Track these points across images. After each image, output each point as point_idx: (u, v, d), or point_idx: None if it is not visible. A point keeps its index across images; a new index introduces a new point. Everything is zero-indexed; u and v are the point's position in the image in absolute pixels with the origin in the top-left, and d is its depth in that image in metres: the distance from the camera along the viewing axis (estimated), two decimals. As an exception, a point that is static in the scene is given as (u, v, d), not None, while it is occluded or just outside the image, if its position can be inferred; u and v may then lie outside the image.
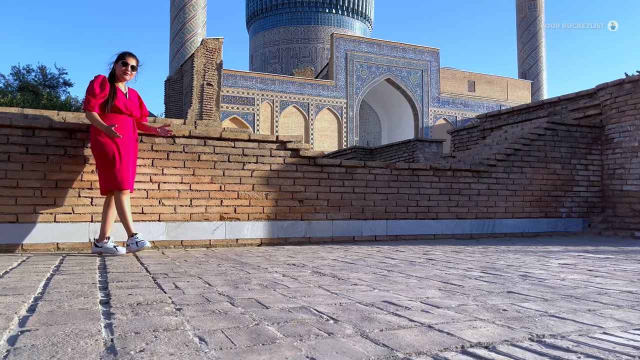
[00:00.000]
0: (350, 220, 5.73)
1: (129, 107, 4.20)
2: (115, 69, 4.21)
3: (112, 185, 4.03)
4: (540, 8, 45.50)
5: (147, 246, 4.06)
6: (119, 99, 4.13)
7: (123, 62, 4.18)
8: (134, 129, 4.31)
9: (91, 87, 4.05)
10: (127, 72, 4.19)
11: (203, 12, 34.22)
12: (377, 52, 34.03)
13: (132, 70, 4.21)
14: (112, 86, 4.13)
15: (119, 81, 4.22)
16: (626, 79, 6.81)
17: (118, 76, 4.19)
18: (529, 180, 6.75)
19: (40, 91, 26.11)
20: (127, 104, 4.19)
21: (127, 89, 4.32)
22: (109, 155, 4.01)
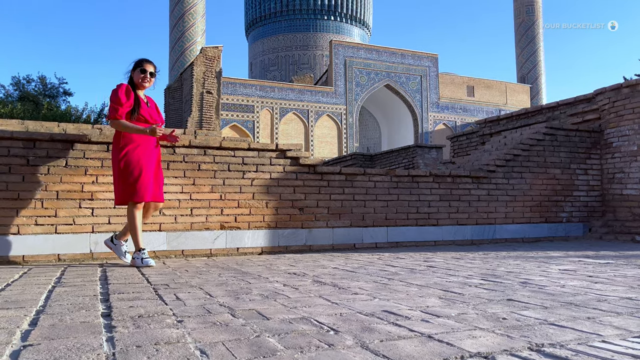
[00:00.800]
0: (351, 228, 5.74)
1: (153, 116, 4.15)
2: (134, 77, 4.13)
3: (128, 197, 3.96)
4: (538, 12, 45.68)
5: (151, 265, 3.93)
6: (143, 107, 4.08)
7: (141, 69, 4.12)
8: (157, 141, 4.23)
9: (115, 95, 3.97)
10: (145, 79, 4.12)
11: (202, 21, 34.37)
12: (375, 58, 34.15)
13: (150, 77, 4.15)
14: (135, 94, 4.07)
15: (138, 89, 4.14)
16: (624, 84, 6.83)
17: (137, 84, 4.12)
18: (529, 185, 6.76)
19: (41, 101, 26.19)
20: (151, 112, 4.14)
21: (146, 97, 4.26)
22: (130, 167, 3.94)
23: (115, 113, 3.95)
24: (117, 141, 4.04)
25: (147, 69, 4.12)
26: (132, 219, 4.00)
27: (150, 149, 4.09)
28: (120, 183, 3.99)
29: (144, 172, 3.97)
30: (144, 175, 3.97)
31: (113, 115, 3.97)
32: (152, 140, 4.11)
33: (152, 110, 4.18)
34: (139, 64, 4.14)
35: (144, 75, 4.11)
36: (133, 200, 3.97)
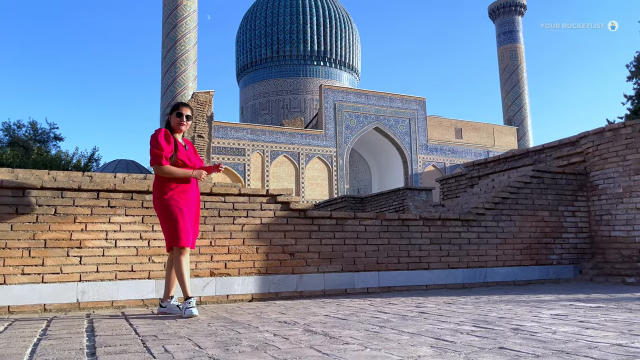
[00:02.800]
0: (342, 273, 5.71)
1: (192, 160, 4.13)
2: (171, 121, 4.13)
3: (172, 241, 3.91)
4: (521, 57, 47.09)
5: (194, 315, 3.74)
6: (181, 151, 4.06)
7: (178, 112, 4.12)
8: (197, 184, 4.21)
9: (156, 141, 3.96)
10: (182, 122, 4.11)
11: (194, 67, 34.97)
12: (364, 102, 34.76)
13: (187, 120, 4.14)
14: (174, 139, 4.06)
15: (175, 132, 4.13)
16: (606, 127, 7.01)
17: (174, 128, 4.12)
18: (518, 228, 6.80)
19: (31, 146, 26.21)
20: (189, 155, 4.12)
21: (183, 140, 4.25)
22: (173, 213, 3.90)
23: (159, 159, 3.93)
24: (159, 187, 4.00)
25: (184, 112, 4.12)
26: (178, 266, 3.91)
27: (192, 192, 4.06)
28: (166, 229, 3.95)
29: (187, 217, 3.93)
30: (186, 220, 3.92)
31: (157, 161, 3.94)
32: (193, 184, 4.08)
33: (190, 153, 4.16)
34: (176, 107, 4.16)
35: (180, 119, 4.10)
36: (177, 246, 3.90)
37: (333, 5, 44.29)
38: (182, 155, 4.04)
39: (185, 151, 4.12)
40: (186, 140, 4.29)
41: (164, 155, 3.93)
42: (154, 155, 3.97)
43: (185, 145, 4.20)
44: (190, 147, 4.27)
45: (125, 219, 4.76)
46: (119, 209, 4.75)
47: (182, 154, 4.05)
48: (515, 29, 47.75)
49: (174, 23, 34.50)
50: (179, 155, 4.01)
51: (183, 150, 4.09)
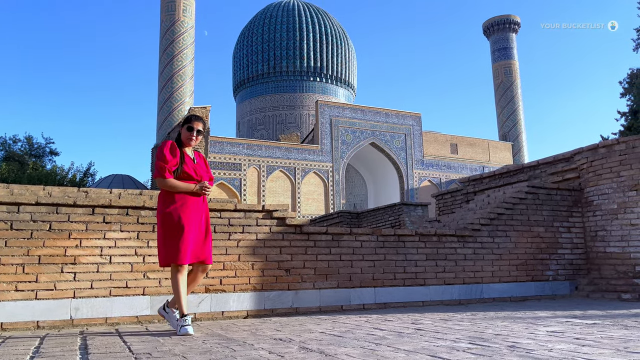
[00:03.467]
0: (338, 289, 5.68)
1: (199, 173, 4.03)
2: (182, 133, 4.06)
3: (169, 258, 3.82)
4: (516, 74, 47.52)
5: (189, 334, 3.67)
6: (188, 164, 3.97)
7: (189, 126, 4.04)
8: (203, 197, 4.07)
9: (161, 153, 3.90)
10: (192, 136, 4.03)
11: (191, 82, 35.12)
12: (360, 117, 34.93)
13: (197, 134, 4.06)
14: (180, 152, 3.98)
15: (185, 146, 4.06)
16: (600, 144, 7.06)
17: (184, 141, 4.05)
18: (514, 243, 6.81)
19: (26, 161, 26.16)
20: (197, 169, 4.02)
21: (194, 152, 4.16)
22: (173, 227, 3.81)
23: (162, 171, 3.86)
24: (161, 200, 3.94)
25: (195, 126, 4.04)
26: (175, 283, 3.84)
27: (197, 206, 3.95)
28: (163, 244, 3.86)
29: (187, 233, 3.82)
30: (186, 236, 3.81)
31: (160, 174, 3.88)
32: (198, 199, 3.98)
33: (199, 166, 4.06)
34: (188, 120, 4.07)
35: (191, 133, 4.02)
36: (175, 263, 3.82)
37: (329, 22, 44.72)
38: (188, 168, 3.95)
39: (194, 165, 4.03)
40: (198, 154, 4.20)
41: (167, 168, 3.86)
42: (157, 168, 3.91)
43: (195, 158, 4.11)
44: (201, 161, 4.17)
45: (120, 235, 4.75)
46: (114, 224, 4.73)
47: (189, 168, 3.97)
48: (509, 46, 48.26)
49: (171, 39, 34.73)
50: (184, 169, 3.93)
51: (190, 164, 4.00)
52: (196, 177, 3.99)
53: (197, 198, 3.98)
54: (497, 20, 48.72)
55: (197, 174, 4.00)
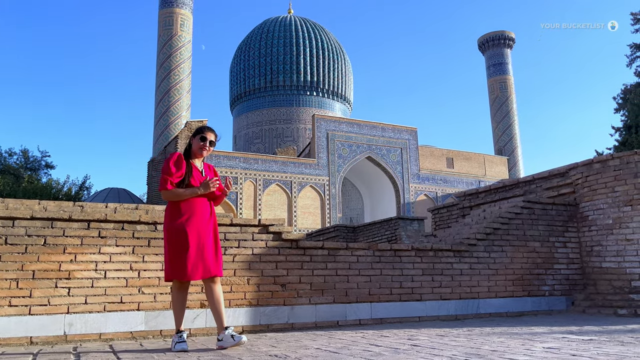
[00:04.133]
0: (334, 304, 5.66)
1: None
2: (192, 144, 3.97)
3: (175, 274, 3.74)
4: (511, 89, 47.91)
5: (185, 350, 3.64)
6: (195, 177, 3.87)
7: (202, 136, 3.94)
8: (211, 209, 3.94)
9: (166, 165, 3.83)
10: (204, 147, 3.94)
11: (187, 96, 35.24)
12: (357, 131, 35.05)
13: (210, 145, 3.97)
14: (187, 163, 3.90)
15: (194, 157, 3.98)
16: (595, 159, 7.10)
17: (194, 152, 3.96)
18: (510, 258, 6.81)
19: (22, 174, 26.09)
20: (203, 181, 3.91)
21: (203, 164, 4.06)
22: (181, 243, 3.71)
23: (165, 183, 3.79)
24: (168, 213, 3.85)
25: (208, 137, 3.95)
26: (174, 298, 3.81)
27: (204, 219, 3.84)
28: (169, 259, 3.78)
29: (194, 248, 3.72)
30: (192, 252, 3.70)
31: (162, 186, 3.80)
32: (206, 210, 3.88)
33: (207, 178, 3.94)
34: (200, 131, 3.97)
35: (204, 143, 3.93)
36: (180, 279, 3.76)
37: (326, 37, 45.08)
38: (194, 180, 3.85)
39: (201, 177, 3.93)
40: (208, 166, 4.10)
41: (170, 180, 3.79)
42: (161, 180, 3.84)
43: (204, 171, 4.02)
44: (211, 173, 4.07)
45: (115, 250, 4.73)
46: (109, 239, 4.72)
47: (195, 180, 3.86)
48: (504, 61, 48.73)
49: (168, 53, 34.91)
50: (191, 181, 3.84)
51: (197, 176, 3.90)
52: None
53: (204, 210, 3.86)
54: (492, 36, 49.24)
55: None
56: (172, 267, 3.76)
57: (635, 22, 22.67)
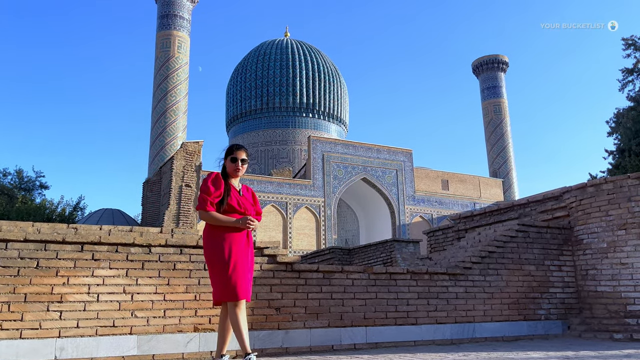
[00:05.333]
0: (329, 328, 5.61)
1: (244, 205, 3.88)
2: (226, 166, 3.93)
3: (225, 295, 3.64)
4: (505, 112, 48.38)
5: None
6: (232, 196, 3.84)
7: (232, 157, 3.91)
8: (248, 234, 3.89)
9: (205, 185, 3.78)
10: (238, 167, 3.92)
11: (184, 117, 35.38)
12: (352, 153, 35.19)
13: (242, 164, 3.94)
14: (225, 183, 3.86)
15: (231, 178, 3.94)
16: (588, 183, 7.15)
17: (230, 173, 3.93)
18: (505, 282, 6.79)
19: (15, 194, 25.97)
20: (241, 201, 3.88)
21: (241, 185, 4.03)
22: (222, 262, 3.65)
23: (203, 204, 3.72)
24: (207, 236, 3.78)
25: (239, 156, 3.91)
26: (235, 320, 3.66)
27: (243, 242, 3.79)
28: (218, 281, 3.69)
29: (240, 268, 3.66)
30: (240, 271, 3.65)
31: (201, 206, 3.73)
32: (244, 232, 3.82)
33: (244, 199, 3.92)
34: (230, 151, 3.94)
35: (235, 164, 3.91)
36: (233, 300, 3.64)
37: (322, 59, 45.57)
38: (232, 201, 3.80)
39: (239, 197, 3.88)
40: (246, 187, 4.08)
41: (210, 200, 3.72)
42: (200, 200, 3.78)
43: (240, 190, 3.97)
44: (249, 194, 4.03)
45: (109, 272, 4.69)
46: (103, 262, 4.69)
47: (233, 200, 3.82)
48: (498, 85, 49.28)
49: (165, 74, 35.16)
50: (229, 201, 3.78)
51: (235, 196, 3.85)
52: (240, 210, 3.84)
53: (241, 233, 3.79)
54: (485, 60, 49.90)
55: (241, 207, 3.85)
56: (223, 290, 3.64)
57: (627, 47, 23.05)
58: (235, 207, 3.82)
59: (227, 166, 3.94)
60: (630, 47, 23.00)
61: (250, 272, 3.78)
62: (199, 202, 3.80)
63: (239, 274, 3.65)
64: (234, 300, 3.65)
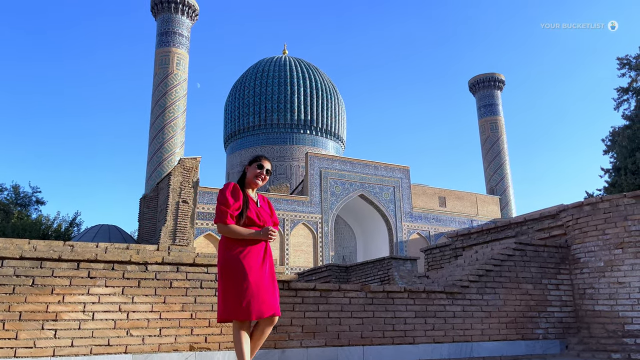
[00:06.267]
0: (326, 347, 5.57)
1: (262, 217, 3.69)
2: (247, 172, 3.76)
3: (229, 313, 3.46)
4: (502, 129, 48.65)
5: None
6: (251, 208, 3.65)
7: (259, 164, 3.74)
8: (266, 246, 3.68)
9: (223, 196, 3.58)
10: (261, 175, 3.74)
11: (182, 133, 35.47)
12: (350, 169, 35.26)
13: (266, 174, 3.78)
14: (244, 193, 3.67)
15: (249, 187, 3.76)
16: (585, 202, 7.17)
17: (249, 181, 3.75)
18: (503, 301, 6.77)
19: (11, 210, 25.86)
20: (260, 213, 3.69)
21: (257, 195, 3.85)
22: (236, 279, 3.46)
23: (223, 217, 3.52)
24: (222, 248, 3.59)
25: (265, 165, 3.76)
26: (238, 341, 3.44)
27: (260, 255, 3.60)
28: (223, 297, 3.50)
29: (251, 285, 3.45)
30: (248, 289, 3.44)
31: (221, 219, 3.53)
32: (261, 247, 3.62)
33: (262, 210, 3.74)
34: (257, 159, 3.79)
35: (261, 171, 3.73)
36: (235, 319, 3.47)
37: (320, 77, 45.90)
38: (251, 213, 3.62)
39: (257, 208, 3.71)
40: (262, 197, 3.89)
41: (229, 212, 3.53)
42: (218, 212, 3.57)
43: (258, 201, 3.79)
44: (265, 204, 3.85)
45: (104, 290, 4.66)
46: (99, 279, 4.66)
47: (252, 212, 3.64)
48: (495, 103, 49.63)
49: (164, 91, 35.33)
50: (247, 213, 3.60)
51: (254, 207, 3.68)
52: (259, 222, 3.65)
53: (259, 246, 3.61)
54: (482, 78, 50.33)
55: (260, 219, 3.67)
56: (226, 307, 3.48)
57: (622, 67, 23.30)
58: (255, 219, 3.64)
59: (250, 172, 3.76)
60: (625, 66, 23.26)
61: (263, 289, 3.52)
62: (217, 215, 3.59)
63: (248, 291, 3.45)
64: (237, 320, 3.49)
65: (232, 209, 3.55)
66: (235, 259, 3.51)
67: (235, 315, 3.45)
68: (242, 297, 3.43)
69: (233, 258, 3.52)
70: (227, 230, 3.55)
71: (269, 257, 3.67)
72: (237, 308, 3.44)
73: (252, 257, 3.55)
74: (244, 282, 3.45)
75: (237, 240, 3.56)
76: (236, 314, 3.45)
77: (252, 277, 3.48)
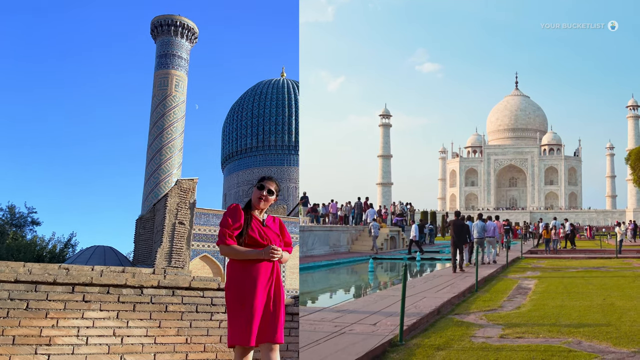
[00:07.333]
0: (321, 373, 5.50)
1: (267, 237, 3.61)
2: (253, 194, 3.76)
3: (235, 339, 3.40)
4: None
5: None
6: (254, 228, 3.59)
7: (259, 185, 3.73)
8: (273, 268, 3.58)
9: (224, 218, 3.58)
10: (261, 195, 3.69)
11: (179, 154, 35.55)
12: (347, 191, 35.29)
13: (268, 194, 3.72)
14: (247, 214, 3.63)
15: (255, 209, 3.70)
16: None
17: (253, 202, 3.71)
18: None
19: (6, 230, 25.71)
20: (265, 232, 3.63)
21: (267, 216, 3.78)
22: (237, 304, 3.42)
23: (222, 237, 3.50)
24: (229, 270, 3.59)
25: (266, 185, 3.73)
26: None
27: (264, 277, 3.51)
28: (229, 323, 3.47)
29: (250, 309, 3.40)
30: (248, 312, 3.39)
31: (220, 240, 3.51)
32: (267, 269, 3.54)
33: (268, 230, 3.67)
34: (260, 180, 3.78)
35: (261, 192, 3.70)
36: (240, 344, 3.40)
37: (317, 99, 46.24)
38: (253, 232, 3.57)
39: (262, 228, 3.64)
40: (273, 218, 3.81)
41: (229, 233, 3.51)
42: (219, 234, 3.55)
43: (264, 221, 3.72)
44: (275, 224, 3.77)
45: (99, 314, 4.63)
46: (93, 303, 4.63)
47: (254, 232, 3.58)
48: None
49: (162, 112, 35.53)
50: (249, 232, 3.56)
51: (257, 227, 3.61)
52: (263, 242, 3.58)
53: (265, 266, 3.54)
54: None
55: (263, 239, 3.60)
56: (233, 332, 3.43)
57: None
58: (257, 238, 3.58)
59: (254, 194, 3.75)
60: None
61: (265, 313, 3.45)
62: (219, 237, 3.56)
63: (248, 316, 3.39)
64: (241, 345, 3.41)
65: (232, 229, 3.53)
66: (237, 281, 3.49)
67: (237, 340, 3.41)
68: (241, 321, 3.40)
69: (235, 280, 3.50)
70: (228, 250, 3.53)
71: (275, 279, 3.59)
72: (236, 332, 3.40)
73: (256, 279, 3.49)
74: (243, 306, 3.42)
75: (242, 262, 3.53)
76: (237, 339, 3.40)
77: (252, 300, 3.43)
